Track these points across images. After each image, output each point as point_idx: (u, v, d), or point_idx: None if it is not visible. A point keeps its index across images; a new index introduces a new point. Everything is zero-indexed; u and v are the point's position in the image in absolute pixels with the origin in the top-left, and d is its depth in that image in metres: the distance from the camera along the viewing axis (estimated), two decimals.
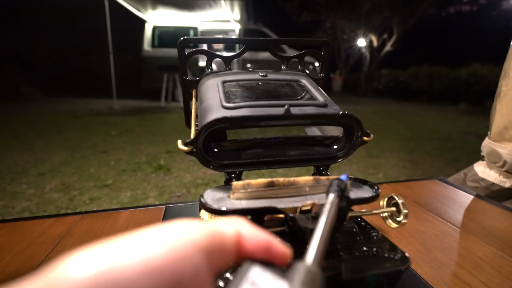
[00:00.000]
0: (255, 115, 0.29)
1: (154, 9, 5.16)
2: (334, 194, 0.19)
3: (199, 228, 0.13)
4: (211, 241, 0.13)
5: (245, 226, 0.15)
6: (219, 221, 0.14)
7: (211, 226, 0.14)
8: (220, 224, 0.14)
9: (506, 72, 0.71)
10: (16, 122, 3.15)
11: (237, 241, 0.14)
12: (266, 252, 0.14)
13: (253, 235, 0.14)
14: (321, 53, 0.41)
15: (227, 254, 0.13)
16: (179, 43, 0.37)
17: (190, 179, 1.74)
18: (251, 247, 0.14)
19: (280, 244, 0.15)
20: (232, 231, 0.14)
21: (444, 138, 3.10)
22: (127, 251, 0.11)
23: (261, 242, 0.14)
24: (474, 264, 0.37)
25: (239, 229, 0.14)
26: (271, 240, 0.15)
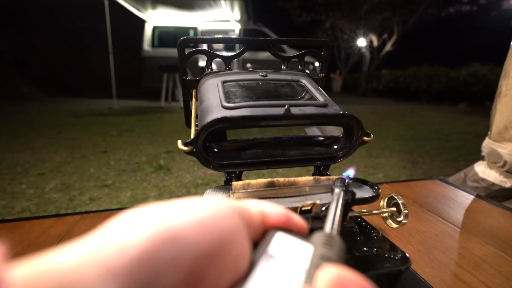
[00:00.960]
0: (255, 115, 0.29)
1: (154, 9, 5.16)
2: (339, 188, 0.22)
3: (232, 201, 0.15)
4: (244, 211, 0.15)
5: (265, 204, 0.16)
6: (245, 201, 0.16)
7: (240, 202, 0.15)
8: (246, 202, 0.16)
9: (506, 72, 0.71)
10: (16, 122, 3.15)
11: (262, 216, 0.16)
12: (287, 224, 0.16)
13: (274, 211, 0.16)
14: (321, 53, 0.41)
15: (255, 227, 0.15)
16: (179, 43, 0.37)
17: (190, 179, 1.74)
18: (274, 220, 0.16)
19: (298, 217, 0.17)
20: (256, 208, 0.16)
21: (444, 138, 3.10)
22: (179, 210, 0.13)
23: (282, 216, 0.16)
24: (474, 264, 0.37)
25: (261, 207, 0.16)
26: (289, 214, 0.16)
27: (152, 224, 0.12)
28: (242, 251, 0.13)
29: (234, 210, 0.14)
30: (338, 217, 0.18)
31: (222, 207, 0.14)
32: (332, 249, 0.14)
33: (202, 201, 0.14)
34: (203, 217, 0.13)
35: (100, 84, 5.51)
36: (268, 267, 0.13)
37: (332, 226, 0.17)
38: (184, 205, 0.13)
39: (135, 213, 0.13)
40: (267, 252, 0.14)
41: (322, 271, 0.12)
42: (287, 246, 0.14)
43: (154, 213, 0.12)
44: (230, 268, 0.13)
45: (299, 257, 0.13)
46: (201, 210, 0.13)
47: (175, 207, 0.13)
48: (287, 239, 0.15)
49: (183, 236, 0.12)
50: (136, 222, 0.12)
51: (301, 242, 0.14)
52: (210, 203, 0.14)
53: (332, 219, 0.18)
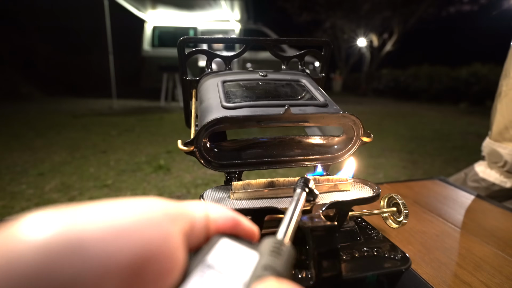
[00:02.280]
0: (255, 115, 0.29)
1: (154, 8, 5.16)
2: (300, 189, 0.21)
3: (169, 203, 0.13)
4: (182, 216, 0.13)
5: (212, 207, 0.15)
6: (187, 203, 0.15)
7: (181, 205, 0.14)
8: (189, 205, 0.14)
9: (507, 72, 0.71)
10: (16, 122, 3.15)
11: (206, 221, 0.14)
12: (234, 229, 0.15)
13: (220, 214, 0.15)
14: (321, 53, 0.41)
15: (196, 233, 0.14)
16: (179, 43, 0.36)
17: (190, 179, 1.74)
18: (220, 226, 0.14)
19: (248, 222, 0.15)
20: (201, 212, 0.14)
21: (444, 138, 3.10)
22: (91, 213, 0.11)
23: (229, 220, 0.15)
24: (475, 264, 0.37)
25: (207, 210, 0.15)
26: (238, 218, 0.15)
27: (51, 230, 0.09)
28: (171, 263, 0.11)
29: (167, 215, 0.12)
30: (294, 221, 0.17)
31: (151, 212, 0.12)
32: (279, 258, 0.12)
33: (124, 204, 0.12)
34: (122, 223, 0.11)
35: (100, 84, 5.52)
36: (202, 279, 0.11)
37: (285, 231, 0.16)
38: (99, 208, 0.11)
39: (33, 216, 0.10)
40: (205, 261, 0.12)
41: (260, 285, 0.11)
42: (230, 254, 0.13)
43: (57, 217, 0.10)
44: (154, 284, 0.11)
45: (241, 267, 0.12)
46: (121, 215, 0.11)
47: (87, 210, 0.11)
48: (232, 246, 0.13)
49: (92, 246, 0.09)
50: (31, 227, 0.10)
51: (246, 250, 0.13)
52: (139, 207, 0.12)
53: (287, 224, 0.16)
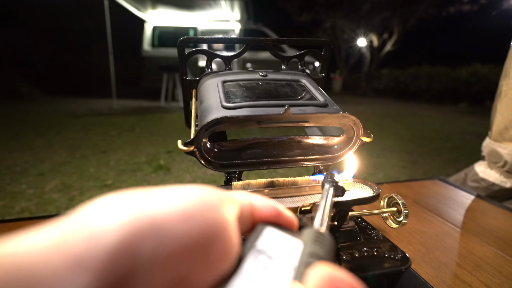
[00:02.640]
0: (255, 115, 0.29)
1: (154, 8, 5.15)
2: (329, 184, 0.22)
3: (220, 191, 0.14)
4: (233, 203, 0.14)
5: (255, 197, 0.16)
6: (236, 192, 0.16)
7: (229, 193, 0.14)
8: (235, 194, 0.15)
9: (507, 72, 0.71)
10: (16, 122, 3.15)
11: (251, 209, 0.15)
12: (277, 218, 0.15)
13: (264, 204, 0.16)
14: (321, 53, 0.41)
15: (244, 220, 0.14)
16: (179, 43, 0.36)
17: (190, 179, 1.74)
18: (263, 214, 0.15)
19: (288, 212, 0.16)
20: (246, 200, 0.15)
21: (444, 138, 3.10)
22: (160, 197, 0.12)
23: (272, 210, 0.15)
24: (475, 264, 0.37)
25: (251, 199, 0.15)
26: (280, 207, 0.16)
27: (130, 211, 0.10)
28: (229, 245, 0.12)
29: (223, 201, 0.13)
30: (327, 213, 0.18)
31: (210, 197, 0.13)
32: (322, 247, 0.13)
33: (188, 190, 0.13)
34: (189, 207, 0.12)
35: (100, 84, 5.52)
36: (256, 263, 0.12)
37: (321, 222, 0.17)
38: (168, 193, 0.12)
39: (111, 199, 0.11)
40: (256, 247, 0.13)
41: (313, 269, 0.11)
42: (276, 241, 0.14)
43: (133, 199, 0.11)
44: (216, 263, 0.12)
45: (288, 254, 0.13)
46: (187, 199, 0.12)
47: (158, 194, 0.12)
48: (277, 234, 0.14)
49: (166, 227, 0.10)
50: (112, 208, 0.10)
51: (290, 238, 0.14)
52: (197, 192, 0.13)
53: (322, 215, 0.17)
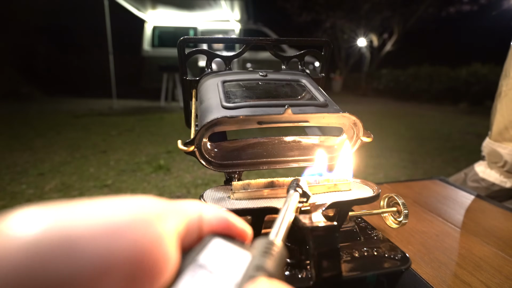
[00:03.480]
0: (255, 115, 0.29)
1: (154, 8, 5.15)
2: (293, 190, 0.21)
3: (163, 202, 0.13)
4: (175, 216, 0.13)
5: (206, 207, 0.15)
6: (183, 201, 0.15)
7: (175, 204, 0.14)
8: (183, 204, 0.14)
9: (507, 72, 0.71)
10: (16, 122, 3.15)
11: (200, 221, 0.14)
12: (227, 230, 0.15)
13: (214, 215, 0.15)
14: (321, 53, 0.41)
15: (190, 232, 0.14)
16: (179, 43, 0.36)
17: (190, 179, 1.74)
18: (213, 225, 0.14)
19: (241, 223, 0.15)
20: (195, 212, 0.14)
21: (444, 138, 3.10)
22: (83, 211, 0.10)
23: (222, 221, 0.15)
24: (475, 264, 0.37)
25: (201, 210, 0.15)
26: (231, 218, 0.15)
27: (40, 226, 0.09)
28: (163, 262, 0.11)
29: (161, 215, 0.12)
30: (287, 222, 0.17)
31: (144, 211, 0.12)
32: (271, 259, 0.12)
33: (120, 203, 0.11)
34: (116, 222, 0.10)
35: (100, 84, 5.51)
36: (194, 279, 0.11)
37: (277, 232, 0.16)
38: (92, 206, 0.11)
39: (22, 213, 0.10)
40: (197, 261, 0.12)
41: (252, 285, 0.11)
42: (222, 254, 0.13)
43: (48, 215, 0.10)
44: (147, 283, 0.10)
45: (233, 267, 0.12)
46: (116, 213, 0.11)
47: (80, 208, 0.10)
48: (224, 247, 0.13)
49: (83, 245, 0.09)
50: (20, 224, 0.09)
51: (238, 250, 0.13)
52: (131, 205, 0.11)
53: (279, 225, 0.16)
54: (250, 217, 0.26)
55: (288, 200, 0.20)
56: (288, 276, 0.25)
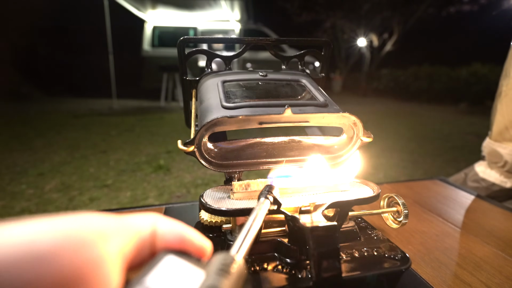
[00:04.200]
0: (255, 115, 0.29)
1: (154, 8, 5.15)
2: (264, 197, 0.20)
3: (107, 219, 0.12)
4: (120, 233, 0.12)
5: (162, 221, 0.14)
6: (135, 216, 0.14)
7: (122, 220, 0.13)
8: (133, 219, 0.13)
9: (507, 72, 0.71)
10: (16, 122, 3.15)
11: (152, 236, 0.13)
12: (183, 245, 0.14)
13: (169, 229, 0.14)
14: (321, 53, 0.41)
15: (141, 250, 0.13)
16: (179, 43, 0.36)
17: (190, 179, 1.74)
18: (168, 241, 0.14)
19: (199, 238, 0.15)
20: (147, 227, 0.13)
21: (444, 138, 3.10)
22: (4, 234, 0.09)
23: (177, 236, 0.14)
24: (475, 264, 0.37)
25: (155, 224, 0.14)
26: (188, 233, 0.14)
27: None
28: (104, 286, 0.10)
29: (101, 233, 0.11)
30: (254, 234, 0.16)
31: (78, 231, 0.10)
32: (227, 278, 0.11)
33: (48, 224, 0.10)
34: (41, 246, 0.09)
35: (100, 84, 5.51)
36: None
37: (239, 246, 0.14)
38: (13, 230, 0.09)
39: None
40: (143, 283, 0.11)
41: None
42: (173, 273, 0.12)
43: None
44: None
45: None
46: (40, 236, 0.09)
47: (4, 232, 0.09)
48: (177, 264, 0.12)
49: (4, 273, 0.08)
50: None
51: (192, 268, 0.12)
52: (61, 225, 0.10)
53: (243, 237, 0.15)
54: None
55: (257, 209, 0.18)
56: (288, 276, 0.25)
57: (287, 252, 0.27)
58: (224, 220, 0.31)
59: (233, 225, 0.29)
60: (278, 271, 0.26)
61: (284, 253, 0.27)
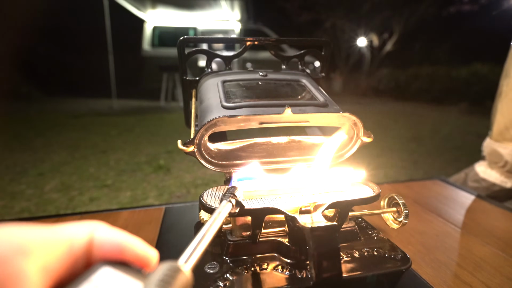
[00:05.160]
0: (255, 115, 0.29)
1: (154, 8, 5.15)
2: (226, 199, 0.19)
3: (29, 231, 0.11)
4: (45, 246, 0.11)
5: (99, 229, 0.13)
6: (68, 225, 0.13)
7: (50, 232, 0.12)
8: (67, 229, 0.13)
9: (507, 72, 0.70)
10: (16, 122, 3.15)
11: (88, 246, 0.13)
12: (122, 255, 0.13)
13: (108, 239, 0.13)
14: (321, 52, 0.41)
15: (74, 262, 0.12)
16: (179, 43, 0.36)
17: (190, 179, 1.74)
18: (106, 251, 0.13)
19: (140, 246, 0.13)
20: (82, 236, 0.13)
21: (444, 138, 3.10)
22: None
23: (115, 245, 0.13)
24: (475, 264, 0.36)
25: (91, 233, 0.13)
26: (127, 241, 0.13)
27: None
28: None
29: (19, 248, 0.10)
30: (208, 239, 0.14)
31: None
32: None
33: None
34: None
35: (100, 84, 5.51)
36: None
37: (191, 253, 0.13)
38: None
39: None
40: None
41: None
42: (107, 287, 0.11)
43: None
44: None
45: None
46: None
47: None
48: (113, 277, 0.11)
49: None
50: None
51: (129, 280, 0.11)
52: None
53: (196, 244, 0.14)
54: (250, 218, 0.26)
55: (216, 212, 0.17)
56: (288, 276, 0.25)
57: (287, 252, 0.27)
58: (224, 220, 0.31)
59: (233, 225, 0.29)
60: (278, 271, 0.26)
61: (284, 253, 0.27)
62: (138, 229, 0.43)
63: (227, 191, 0.20)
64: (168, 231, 0.42)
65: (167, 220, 0.45)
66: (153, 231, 0.42)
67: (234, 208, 0.20)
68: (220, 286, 0.24)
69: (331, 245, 0.22)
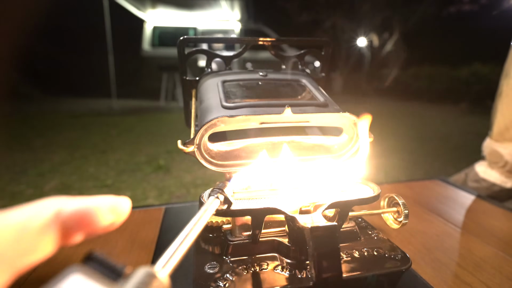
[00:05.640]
0: (255, 115, 0.29)
1: (154, 8, 5.15)
2: (213, 196, 0.19)
3: None
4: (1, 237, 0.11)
5: (63, 202, 0.13)
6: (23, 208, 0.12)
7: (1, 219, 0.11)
8: (21, 212, 0.12)
9: (507, 72, 0.70)
10: (16, 122, 3.15)
11: (54, 222, 0.12)
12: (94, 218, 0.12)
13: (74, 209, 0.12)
14: (322, 52, 0.41)
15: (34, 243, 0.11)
16: (179, 43, 0.36)
17: (189, 179, 1.74)
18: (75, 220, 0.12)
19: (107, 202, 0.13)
20: (43, 216, 0.12)
21: (445, 138, 3.09)
22: None
23: (83, 212, 0.12)
24: (475, 264, 0.36)
25: (57, 209, 0.12)
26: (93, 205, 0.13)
27: None
28: None
29: None
30: (191, 240, 0.13)
31: None
32: None
33: None
34: None
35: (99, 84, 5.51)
36: None
37: (170, 257, 0.12)
38: None
39: None
40: None
41: None
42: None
43: None
44: None
45: None
46: None
47: None
48: (83, 286, 0.10)
49: None
50: None
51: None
52: None
53: (177, 245, 0.13)
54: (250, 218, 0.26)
55: (202, 209, 0.16)
56: (288, 276, 0.25)
57: (287, 252, 0.27)
58: (224, 220, 0.30)
59: (233, 226, 0.29)
60: (278, 271, 0.26)
61: (284, 253, 0.27)
62: (138, 229, 0.43)
63: (215, 187, 0.20)
64: (168, 231, 0.42)
65: (167, 220, 0.45)
66: (153, 231, 0.42)
67: (222, 204, 0.19)
68: (220, 286, 0.24)
69: (331, 245, 0.22)
